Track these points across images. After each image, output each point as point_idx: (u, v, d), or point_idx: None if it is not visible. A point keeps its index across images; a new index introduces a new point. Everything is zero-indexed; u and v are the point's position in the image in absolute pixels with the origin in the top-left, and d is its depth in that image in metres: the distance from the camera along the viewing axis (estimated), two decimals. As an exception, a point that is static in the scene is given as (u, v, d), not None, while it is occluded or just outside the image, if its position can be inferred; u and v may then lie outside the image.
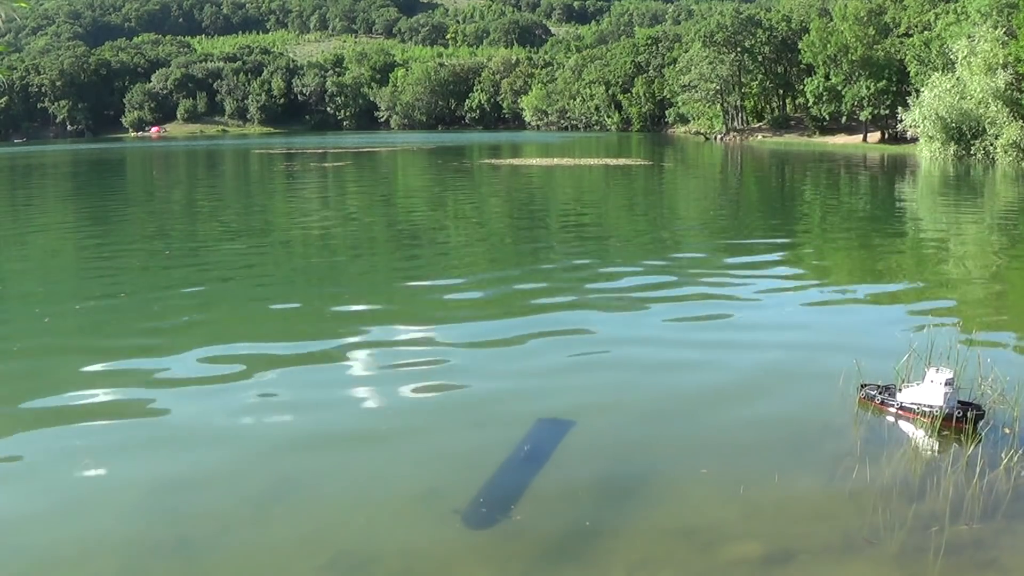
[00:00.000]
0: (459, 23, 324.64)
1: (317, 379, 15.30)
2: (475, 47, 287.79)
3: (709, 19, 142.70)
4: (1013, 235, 33.18)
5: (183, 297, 22.64)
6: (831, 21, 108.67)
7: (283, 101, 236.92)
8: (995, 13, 73.11)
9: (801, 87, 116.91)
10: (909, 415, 12.87)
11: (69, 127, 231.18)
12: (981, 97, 69.98)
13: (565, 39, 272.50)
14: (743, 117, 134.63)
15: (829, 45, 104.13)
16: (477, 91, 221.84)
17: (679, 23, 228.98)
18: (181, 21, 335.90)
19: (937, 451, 12.05)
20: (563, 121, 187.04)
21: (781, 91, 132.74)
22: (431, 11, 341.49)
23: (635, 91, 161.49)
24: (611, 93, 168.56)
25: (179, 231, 37.14)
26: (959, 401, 12.63)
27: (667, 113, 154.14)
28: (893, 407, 13.08)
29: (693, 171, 76.08)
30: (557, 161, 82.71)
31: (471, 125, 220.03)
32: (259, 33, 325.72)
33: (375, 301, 22.40)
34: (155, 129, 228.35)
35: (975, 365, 13.74)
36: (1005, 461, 11.01)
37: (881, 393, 13.33)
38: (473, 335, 17.99)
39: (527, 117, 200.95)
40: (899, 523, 9.87)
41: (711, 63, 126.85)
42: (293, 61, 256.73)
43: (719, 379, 14.94)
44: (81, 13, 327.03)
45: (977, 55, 71.32)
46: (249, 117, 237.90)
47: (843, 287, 23.78)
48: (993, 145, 70.28)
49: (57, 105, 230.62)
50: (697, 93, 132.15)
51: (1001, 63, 69.82)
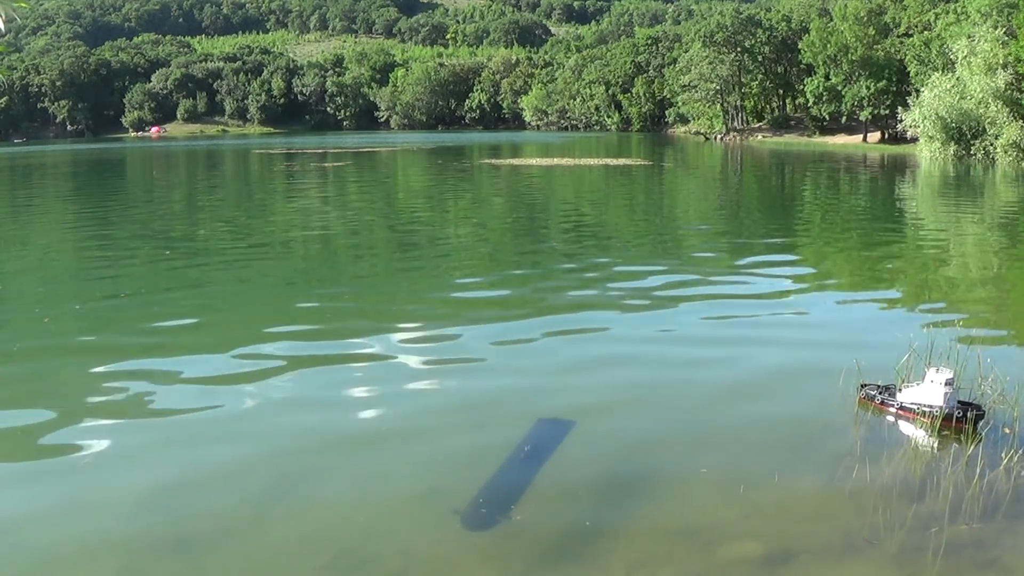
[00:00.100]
0: (459, 23, 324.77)
1: (317, 379, 15.29)
2: (475, 47, 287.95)
3: (709, 19, 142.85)
4: (1013, 235, 33.20)
5: (183, 298, 22.65)
6: (831, 21, 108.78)
7: (283, 101, 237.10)
8: (995, 13, 73.16)
9: (801, 87, 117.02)
10: (909, 415, 12.87)
11: (69, 127, 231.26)
12: (981, 97, 70.01)
13: (565, 39, 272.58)
14: (743, 117, 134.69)
15: (829, 45, 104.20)
16: (477, 91, 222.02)
17: (679, 23, 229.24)
18: (181, 21, 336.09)
19: (937, 451, 12.05)
20: (563, 121, 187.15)
21: (781, 91, 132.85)
22: (431, 11, 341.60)
23: (635, 91, 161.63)
24: (611, 93, 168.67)
25: (179, 231, 37.13)
26: (959, 401, 12.63)
27: (667, 113, 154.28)
28: (893, 407, 13.08)
29: (693, 171, 76.05)
30: (557, 161, 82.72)
31: (471, 125, 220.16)
32: (259, 33, 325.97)
33: (375, 301, 22.41)
34: (155, 129, 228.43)
35: (975, 365, 13.75)
36: (1005, 461, 11.02)
37: (881, 393, 13.33)
38: (473, 335, 17.99)
39: (527, 117, 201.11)
40: (899, 523, 9.87)
41: (711, 63, 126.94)
42: (293, 61, 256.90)
43: (719, 379, 14.95)
44: (81, 13, 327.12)
45: (977, 55, 71.35)
46: (249, 117, 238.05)
47: (843, 287, 23.81)
48: (993, 145, 70.31)
49: (57, 105, 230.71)
50: (697, 93, 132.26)
51: (1001, 63, 69.86)
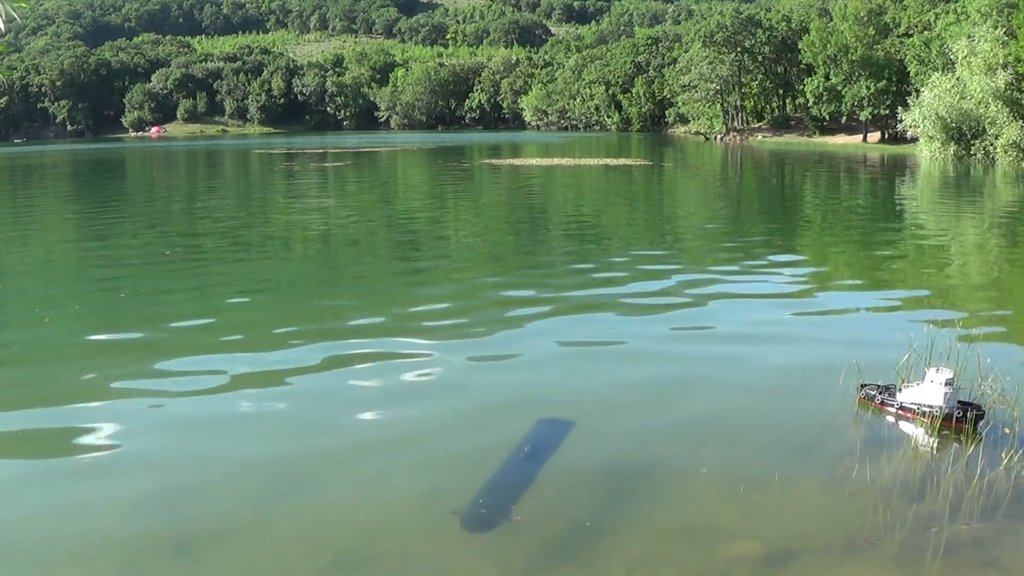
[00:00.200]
0: (459, 23, 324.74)
1: (317, 379, 15.27)
2: (475, 47, 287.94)
3: (709, 19, 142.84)
4: (1013, 235, 33.19)
5: (183, 298, 22.67)
6: (831, 21, 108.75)
7: (283, 101, 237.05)
8: (995, 13, 73.12)
9: (801, 87, 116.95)
10: (909, 415, 12.86)
11: (69, 127, 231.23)
12: (981, 97, 69.99)
13: (565, 39, 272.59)
14: (743, 117, 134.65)
15: (829, 45, 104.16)
16: (477, 91, 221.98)
17: (679, 23, 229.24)
18: (181, 21, 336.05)
19: (937, 451, 12.04)
20: (563, 121, 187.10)
21: (781, 91, 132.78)
22: (431, 11, 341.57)
23: (635, 91, 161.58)
24: (611, 93, 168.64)
25: (179, 232, 37.13)
26: (959, 401, 12.63)
27: (667, 113, 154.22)
28: (893, 407, 13.08)
29: (693, 171, 76.05)
30: (557, 161, 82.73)
31: (471, 125, 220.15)
32: (259, 33, 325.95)
33: (375, 301, 22.40)
34: (155, 129, 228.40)
35: (975, 365, 13.74)
36: (1005, 461, 11.02)
37: (881, 393, 13.33)
38: (473, 335, 18.01)
39: (527, 117, 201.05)
40: (899, 523, 9.87)
41: (711, 63, 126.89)
42: (293, 61, 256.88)
43: (719, 379, 14.96)
44: (81, 13, 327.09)
45: (977, 55, 71.32)
46: (249, 117, 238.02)
47: (843, 287, 23.80)
48: (993, 145, 70.29)
49: (57, 105, 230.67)
50: (697, 93, 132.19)
51: (1001, 63, 69.83)
